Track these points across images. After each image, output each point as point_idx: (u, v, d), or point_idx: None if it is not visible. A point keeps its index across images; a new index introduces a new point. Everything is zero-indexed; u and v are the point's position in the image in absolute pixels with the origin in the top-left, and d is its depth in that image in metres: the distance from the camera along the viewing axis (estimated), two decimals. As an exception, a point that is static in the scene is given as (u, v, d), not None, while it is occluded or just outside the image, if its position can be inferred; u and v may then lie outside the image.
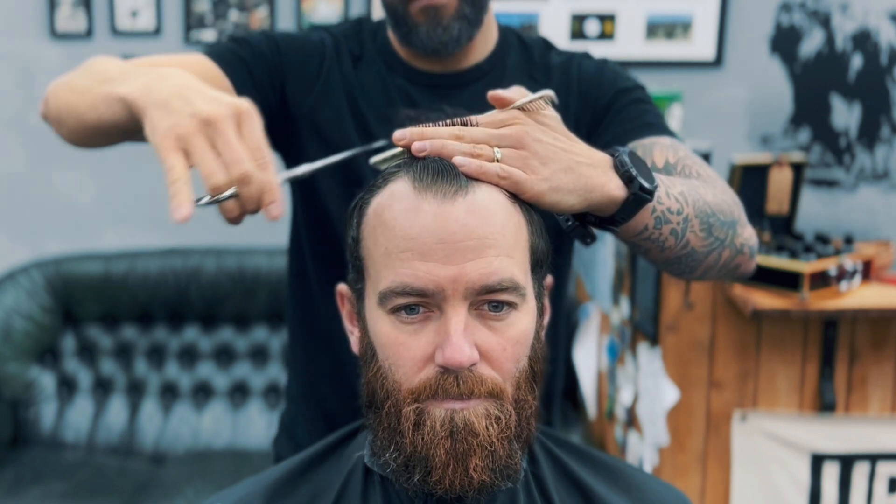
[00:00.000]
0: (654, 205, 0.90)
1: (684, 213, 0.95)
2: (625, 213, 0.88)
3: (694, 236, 0.97)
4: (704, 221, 0.98)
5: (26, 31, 2.72)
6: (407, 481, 0.81)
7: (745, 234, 1.06)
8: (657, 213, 0.92)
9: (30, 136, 2.78)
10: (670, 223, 0.94)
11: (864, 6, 2.61)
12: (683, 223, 0.95)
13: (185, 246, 2.72)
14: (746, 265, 1.09)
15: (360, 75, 1.19)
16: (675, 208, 0.94)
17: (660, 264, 1.03)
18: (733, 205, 1.05)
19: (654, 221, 0.92)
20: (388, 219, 0.82)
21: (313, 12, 2.69)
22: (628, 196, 0.86)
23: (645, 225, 0.92)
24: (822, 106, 2.67)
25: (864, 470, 1.92)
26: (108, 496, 2.32)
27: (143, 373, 2.68)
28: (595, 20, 2.67)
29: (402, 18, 1.12)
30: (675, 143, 1.10)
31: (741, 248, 1.05)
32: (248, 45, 1.15)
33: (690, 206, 0.96)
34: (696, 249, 0.99)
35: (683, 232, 0.96)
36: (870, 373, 1.92)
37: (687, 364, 1.92)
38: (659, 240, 0.95)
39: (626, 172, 0.86)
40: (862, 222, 2.67)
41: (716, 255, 1.02)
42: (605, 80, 1.18)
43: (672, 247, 0.97)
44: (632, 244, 0.98)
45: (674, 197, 0.94)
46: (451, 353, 0.77)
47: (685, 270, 1.04)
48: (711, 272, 1.05)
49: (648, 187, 0.86)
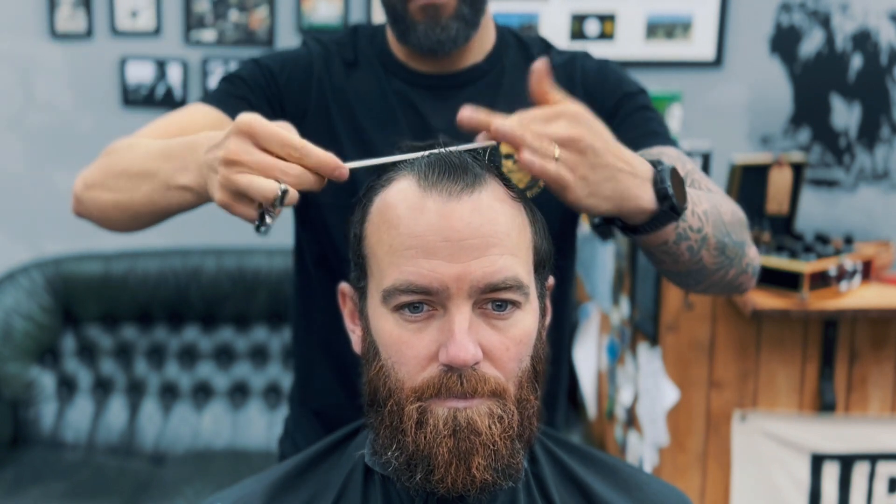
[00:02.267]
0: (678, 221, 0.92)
1: (703, 233, 0.97)
2: (651, 225, 0.89)
3: (707, 254, 1.00)
4: (720, 241, 1.00)
5: (26, 31, 2.72)
6: (409, 480, 0.81)
7: (750, 254, 1.09)
8: (679, 230, 0.94)
9: (30, 136, 2.78)
10: (689, 240, 0.96)
11: (864, 6, 2.61)
12: (701, 241, 0.98)
13: (185, 246, 2.72)
14: (748, 283, 1.11)
15: (355, 82, 1.19)
16: (696, 226, 0.96)
17: (669, 275, 1.05)
18: (744, 225, 1.08)
19: (676, 237, 0.95)
20: (393, 216, 0.82)
21: (313, 12, 2.69)
22: (658, 211, 0.88)
23: (666, 239, 0.94)
24: (822, 106, 2.67)
25: (864, 470, 1.92)
26: (108, 496, 2.32)
27: (143, 373, 2.68)
28: (595, 20, 2.67)
29: (400, 16, 1.12)
30: (681, 154, 1.12)
31: (746, 267, 1.08)
32: (243, 81, 1.17)
33: (710, 226, 0.98)
34: (707, 266, 1.01)
35: (699, 249, 0.98)
36: (870, 373, 1.92)
37: (687, 364, 1.92)
38: (676, 253, 0.97)
39: (663, 189, 0.87)
40: (862, 222, 2.68)
41: (722, 273, 1.05)
42: (609, 82, 1.19)
43: (686, 262, 0.99)
44: (648, 253, 1.00)
45: (697, 215, 0.96)
46: (455, 352, 0.78)
47: (691, 283, 1.06)
48: (714, 287, 1.08)
49: (679, 207, 0.88)
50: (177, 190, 0.94)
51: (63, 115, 2.77)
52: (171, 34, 2.72)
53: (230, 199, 0.83)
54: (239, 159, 0.81)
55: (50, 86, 2.75)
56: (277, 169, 0.80)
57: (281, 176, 0.80)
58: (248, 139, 0.81)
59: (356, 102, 1.17)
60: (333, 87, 1.18)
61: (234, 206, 0.83)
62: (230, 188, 0.82)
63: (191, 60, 2.72)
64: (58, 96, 2.75)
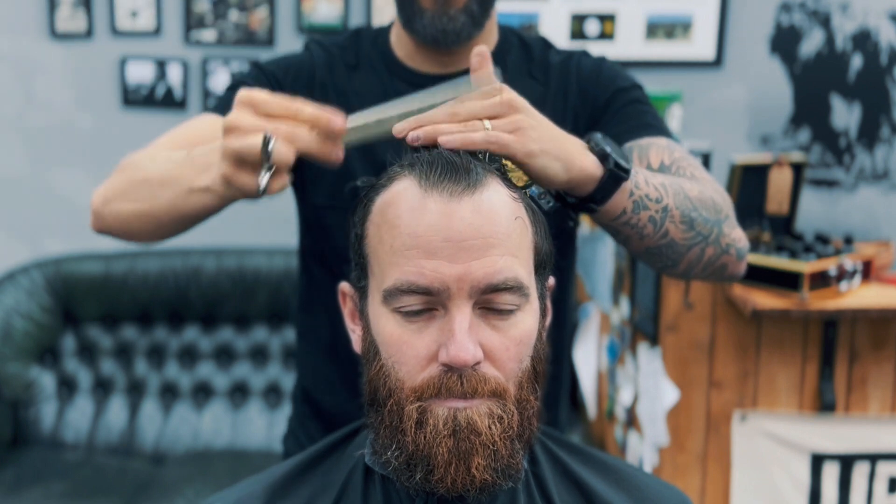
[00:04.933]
0: (631, 188, 0.93)
1: (664, 203, 0.98)
2: (603, 191, 0.91)
3: (674, 227, 0.99)
4: (686, 215, 1.00)
5: (26, 31, 2.72)
6: (408, 480, 0.81)
7: (732, 234, 1.07)
8: (635, 198, 0.95)
9: (30, 136, 2.78)
10: (648, 210, 0.97)
11: (864, 6, 2.61)
12: (662, 212, 0.98)
13: (185, 246, 2.72)
14: (734, 267, 1.10)
15: (357, 83, 1.19)
16: (654, 196, 0.97)
17: (641, 255, 1.05)
18: (722, 204, 1.07)
19: (633, 206, 0.95)
20: (394, 216, 0.82)
21: (313, 12, 2.69)
22: (605, 173, 0.90)
23: (623, 208, 0.95)
24: (822, 106, 2.67)
25: (864, 470, 1.92)
26: (108, 496, 2.32)
27: (143, 373, 2.68)
28: (595, 20, 2.67)
29: (409, 1, 1.13)
30: (672, 143, 1.11)
31: (726, 247, 1.06)
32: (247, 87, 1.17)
33: (671, 198, 0.99)
34: (677, 241, 1.01)
35: (662, 221, 0.98)
36: (870, 373, 1.92)
37: (687, 364, 1.92)
38: (637, 226, 0.97)
39: (601, 151, 0.90)
40: (862, 222, 2.68)
41: (698, 251, 1.04)
42: (603, 78, 1.20)
43: (651, 234, 0.99)
44: (611, 229, 1.00)
45: (653, 185, 0.97)
46: (455, 352, 0.78)
47: (668, 264, 1.05)
48: (696, 269, 1.07)
49: (624, 165, 0.90)
50: (198, 192, 0.95)
51: (63, 115, 2.77)
52: (171, 34, 2.72)
53: (230, 168, 0.84)
54: (236, 124, 0.83)
55: (50, 86, 2.75)
56: (270, 126, 0.82)
57: (273, 131, 0.82)
58: (249, 108, 0.84)
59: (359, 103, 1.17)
60: (336, 90, 1.19)
61: (234, 175, 0.84)
62: (227, 155, 0.84)
63: (191, 60, 2.72)
64: (58, 96, 2.75)
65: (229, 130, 0.84)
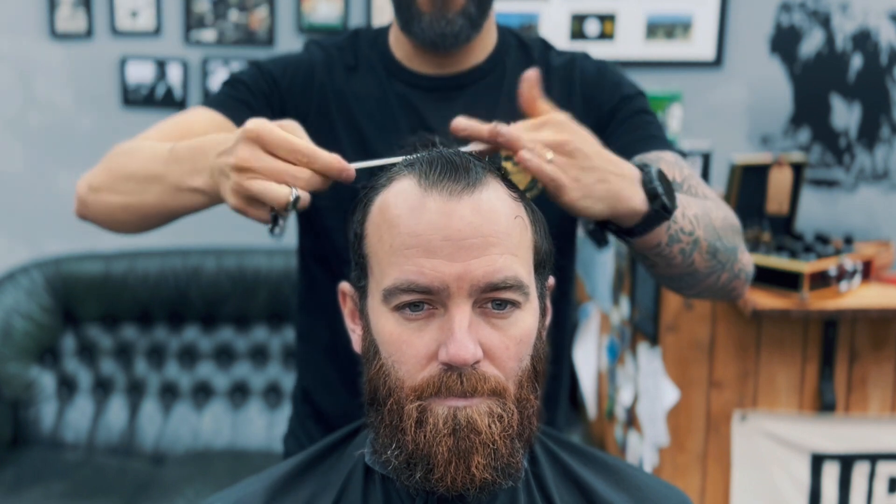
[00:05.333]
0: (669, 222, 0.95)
1: (695, 236, 1.00)
2: (644, 226, 0.92)
3: (699, 257, 1.02)
4: (711, 245, 1.02)
5: (26, 31, 2.72)
6: (408, 479, 0.81)
7: (743, 259, 1.11)
8: (671, 231, 0.97)
9: (30, 136, 2.78)
10: (681, 242, 0.99)
11: (864, 6, 2.61)
12: (693, 244, 1.00)
13: (185, 246, 2.72)
14: (741, 289, 1.13)
15: (355, 85, 1.19)
16: (687, 229, 0.99)
17: (661, 279, 1.08)
18: (736, 231, 1.10)
19: (668, 239, 0.97)
20: (393, 216, 0.82)
21: (313, 12, 2.69)
22: (649, 211, 0.91)
23: (658, 241, 0.96)
24: (822, 106, 2.67)
25: (864, 470, 1.92)
26: (108, 496, 2.32)
27: (143, 373, 2.68)
28: (595, 20, 2.67)
29: (407, 4, 1.12)
30: (679, 159, 1.13)
31: (738, 273, 1.10)
32: (245, 85, 1.19)
33: (701, 229, 1.01)
34: (699, 270, 1.03)
35: (691, 252, 1.00)
36: (870, 373, 1.92)
37: (687, 364, 1.92)
38: (668, 256, 0.99)
39: (652, 189, 0.91)
40: (862, 222, 2.67)
41: (715, 278, 1.07)
42: (607, 84, 1.19)
43: (678, 265, 1.01)
44: (642, 257, 1.02)
45: (688, 218, 0.99)
46: (455, 351, 0.78)
47: (684, 287, 1.08)
48: (707, 292, 1.10)
49: (669, 206, 0.91)
50: (188, 192, 0.97)
51: (63, 115, 2.77)
52: (171, 34, 2.72)
53: (244, 205, 0.87)
54: (250, 166, 0.84)
55: (50, 86, 2.75)
56: (288, 174, 0.84)
57: (291, 181, 0.84)
58: (257, 145, 0.85)
59: (357, 105, 1.17)
60: (335, 91, 1.19)
61: (248, 210, 0.87)
62: (243, 194, 0.86)
63: (191, 60, 2.72)
64: (58, 96, 2.75)
65: (241, 170, 0.85)
